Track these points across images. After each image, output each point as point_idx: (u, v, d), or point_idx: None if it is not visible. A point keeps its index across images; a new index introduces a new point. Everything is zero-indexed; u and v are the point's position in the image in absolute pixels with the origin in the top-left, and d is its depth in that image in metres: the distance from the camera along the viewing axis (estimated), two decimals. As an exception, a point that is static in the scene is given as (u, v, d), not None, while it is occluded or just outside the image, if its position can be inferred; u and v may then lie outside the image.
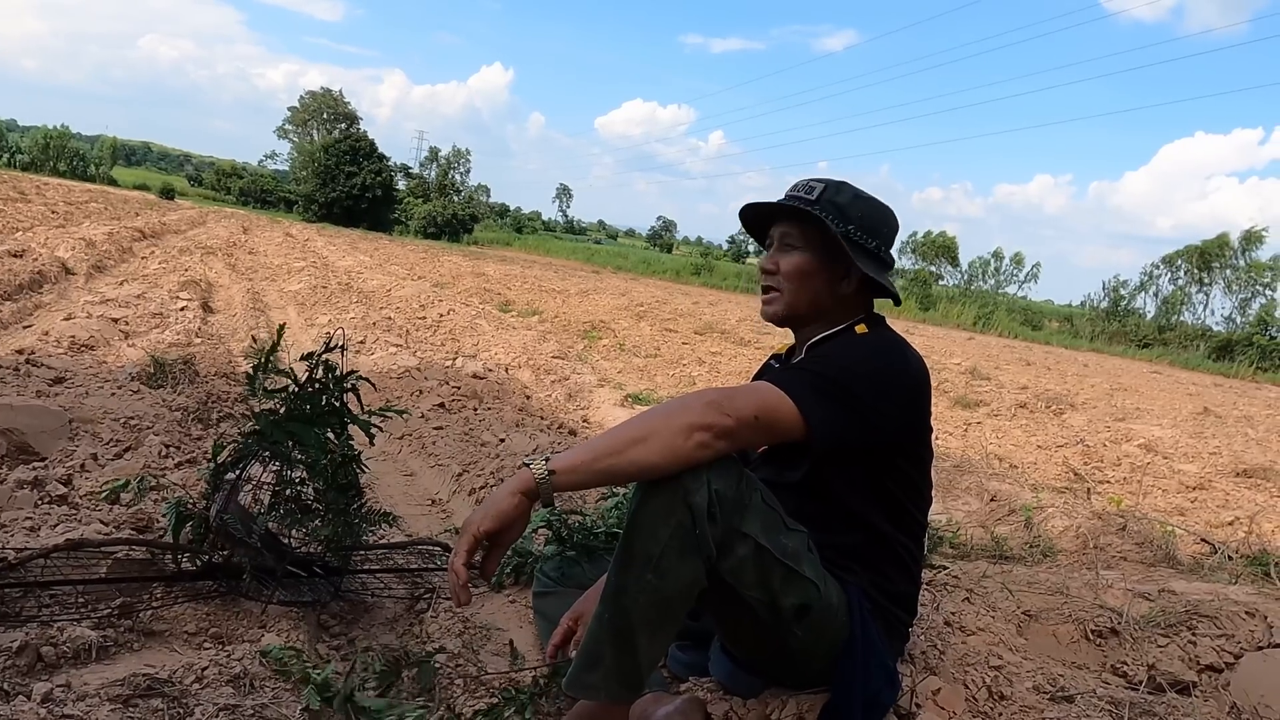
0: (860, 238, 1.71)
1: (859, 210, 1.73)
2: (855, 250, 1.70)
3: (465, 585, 1.45)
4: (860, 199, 1.74)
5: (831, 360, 1.65)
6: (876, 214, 1.76)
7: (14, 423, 2.91)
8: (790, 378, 1.60)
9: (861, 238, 1.71)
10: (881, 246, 1.75)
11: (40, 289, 7.61)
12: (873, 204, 1.76)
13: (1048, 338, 35.62)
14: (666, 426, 1.47)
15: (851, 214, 1.72)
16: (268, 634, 2.05)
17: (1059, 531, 4.06)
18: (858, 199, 1.74)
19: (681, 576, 1.51)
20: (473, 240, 57.54)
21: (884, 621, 1.74)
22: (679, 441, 1.47)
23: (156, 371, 4.17)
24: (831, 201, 1.72)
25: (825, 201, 1.72)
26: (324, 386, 2.15)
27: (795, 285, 1.76)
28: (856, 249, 1.71)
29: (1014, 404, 9.25)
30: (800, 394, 1.56)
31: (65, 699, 1.59)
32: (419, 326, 8.65)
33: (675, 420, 1.48)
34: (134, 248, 12.99)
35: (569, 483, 1.49)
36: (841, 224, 1.70)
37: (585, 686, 1.57)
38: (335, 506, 2.13)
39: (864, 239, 1.72)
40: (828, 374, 1.60)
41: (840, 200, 1.72)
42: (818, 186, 1.74)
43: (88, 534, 2.17)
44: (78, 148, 57.98)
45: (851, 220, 1.71)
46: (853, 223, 1.71)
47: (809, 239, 1.74)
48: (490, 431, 4.17)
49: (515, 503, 1.46)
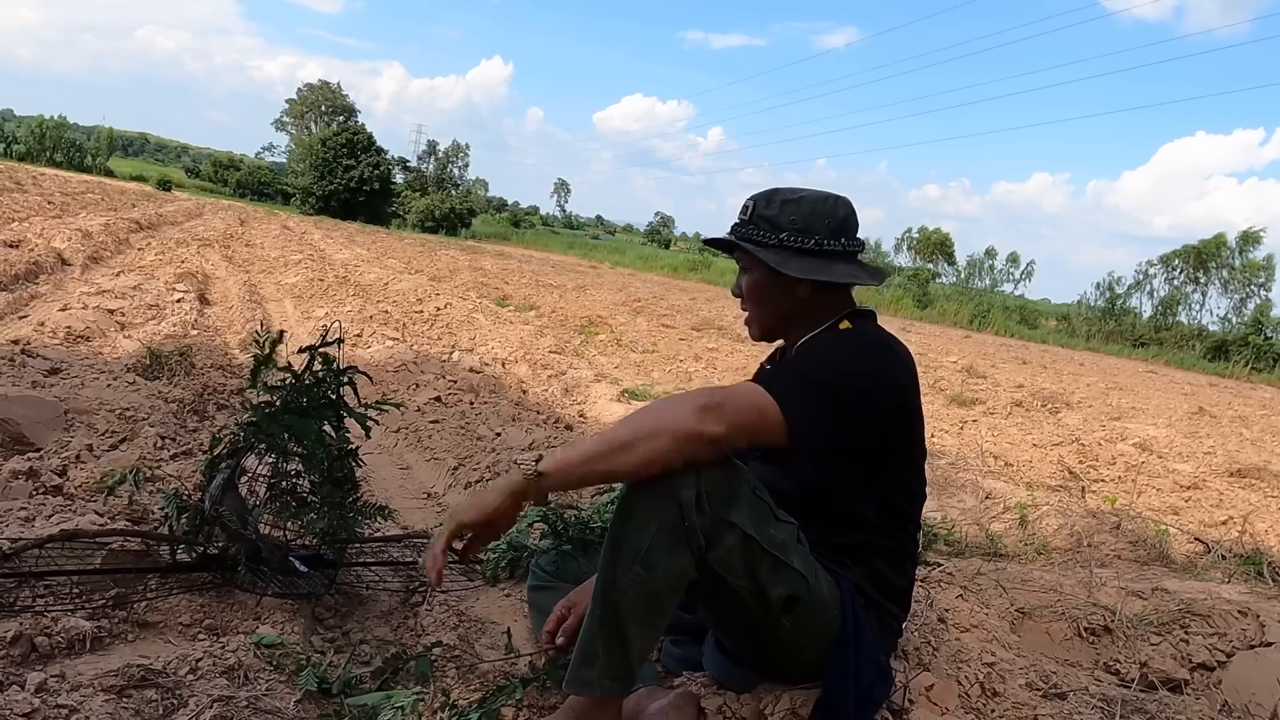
0: (797, 241, 1.71)
1: (789, 214, 1.73)
2: (793, 256, 1.71)
3: (440, 570, 1.50)
4: (790, 202, 1.74)
5: (813, 360, 1.68)
6: (811, 210, 1.74)
7: (9, 413, 2.91)
8: (777, 379, 1.63)
9: (798, 241, 1.71)
10: (825, 240, 1.73)
11: (36, 279, 7.59)
12: (806, 201, 1.74)
13: (1044, 336, 35.71)
14: (656, 431, 1.49)
15: (782, 222, 1.72)
16: (262, 626, 2.06)
17: (1053, 530, 4.07)
18: (788, 204, 1.74)
19: (670, 569, 1.53)
20: (470, 234, 57.43)
21: (877, 617, 1.75)
22: (668, 446, 1.49)
23: (152, 363, 4.16)
24: (761, 216, 1.74)
25: (757, 218, 1.74)
26: (321, 379, 2.15)
27: (757, 304, 1.81)
28: (792, 253, 1.71)
29: (1009, 402, 9.27)
30: (785, 396, 1.57)
31: (59, 689, 1.59)
32: (416, 320, 8.64)
33: (665, 425, 1.49)
34: (130, 239, 12.96)
35: (559, 484, 1.52)
36: (773, 235, 1.72)
37: (581, 683, 1.58)
38: (331, 500, 2.13)
39: (801, 241, 1.71)
40: (811, 375, 1.62)
41: (769, 212, 1.74)
42: (750, 204, 1.77)
43: (83, 525, 2.17)
44: (74, 138, 57.76)
45: (783, 228, 1.72)
46: (784, 230, 1.72)
47: (752, 259, 1.77)
48: (486, 425, 4.17)
49: (503, 502, 1.50)
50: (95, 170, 53.23)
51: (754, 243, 1.73)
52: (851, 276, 1.75)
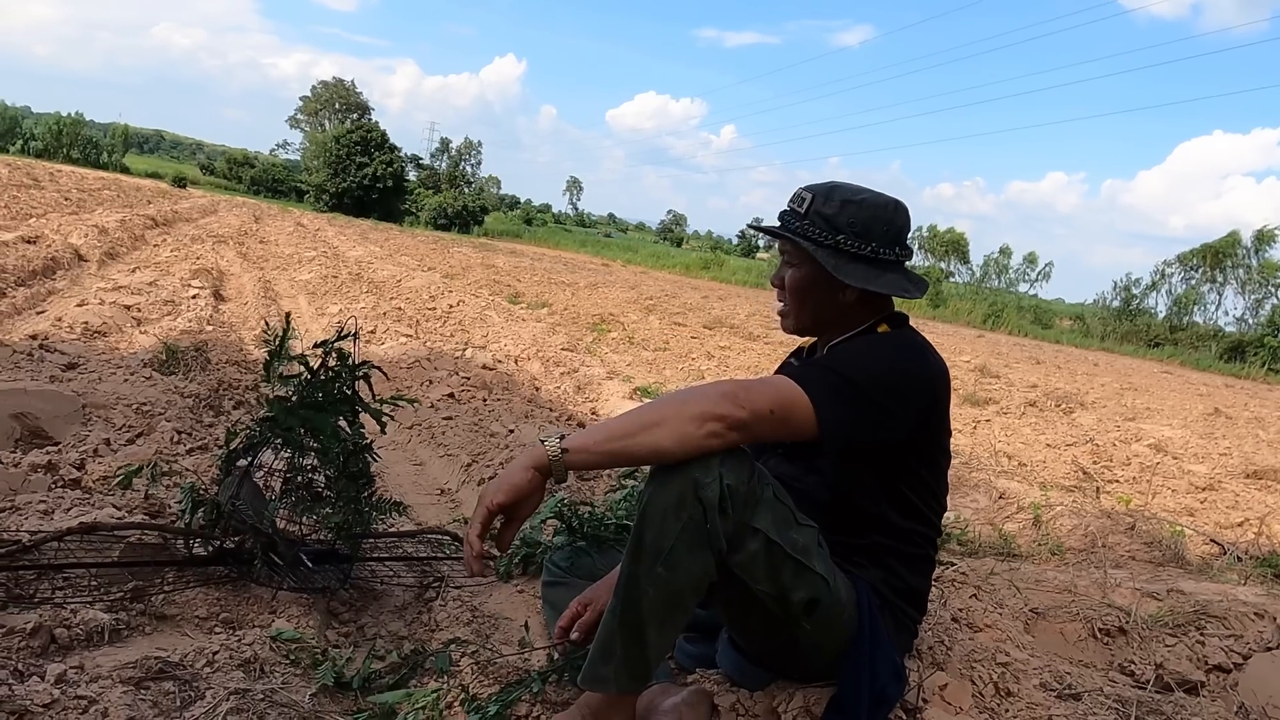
0: (852, 245, 1.68)
1: (849, 216, 1.68)
2: (846, 260, 1.68)
3: (479, 556, 1.49)
4: (851, 203, 1.69)
5: (849, 359, 1.64)
6: (871, 215, 1.70)
7: (28, 407, 2.94)
8: (808, 374, 1.59)
9: (854, 245, 1.68)
10: (881, 248, 1.69)
11: (54, 275, 7.65)
12: (867, 205, 1.70)
13: (1058, 336, 35.51)
14: (680, 413, 1.48)
15: (840, 222, 1.68)
16: (278, 619, 2.07)
17: (1067, 530, 4.05)
18: (848, 204, 1.69)
19: (692, 570, 1.52)
20: (483, 232, 57.57)
21: (892, 617, 1.74)
22: (691, 429, 1.47)
23: (169, 358, 4.19)
24: (819, 213, 1.69)
25: (813, 214, 1.70)
26: (336, 374, 2.16)
27: (797, 300, 1.77)
28: (847, 257, 1.68)
29: (1023, 402, 9.23)
30: (816, 391, 1.55)
31: (78, 680, 1.60)
32: (429, 317, 8.67)
33: (689, 408, 1.48)
34: (146, 235, 13.05)
35: (580, 462, 1.50)
36: (830, 235, 1.68)
37: (598, 679, 1.58)
38: (346, 494, 2.14)
39: (856, 245, 1.68)
40: (844, 373, 1.59)
41: (828, 210, 1.69)
42: (807, 197, 1.72)
43: (101, 518, 2.19)
44: (90, 135, 58.18)
45: (840, 229, 1.68)
46: (842, 231, 1.68)
47: (802, 255, 1.72)
48: (499, 422, 4.18)
49: (529, 477, 1.49)
50: (111, 167, 53.59)
51: (809, 239, 1.69)
52: (900, 289, 1.72)
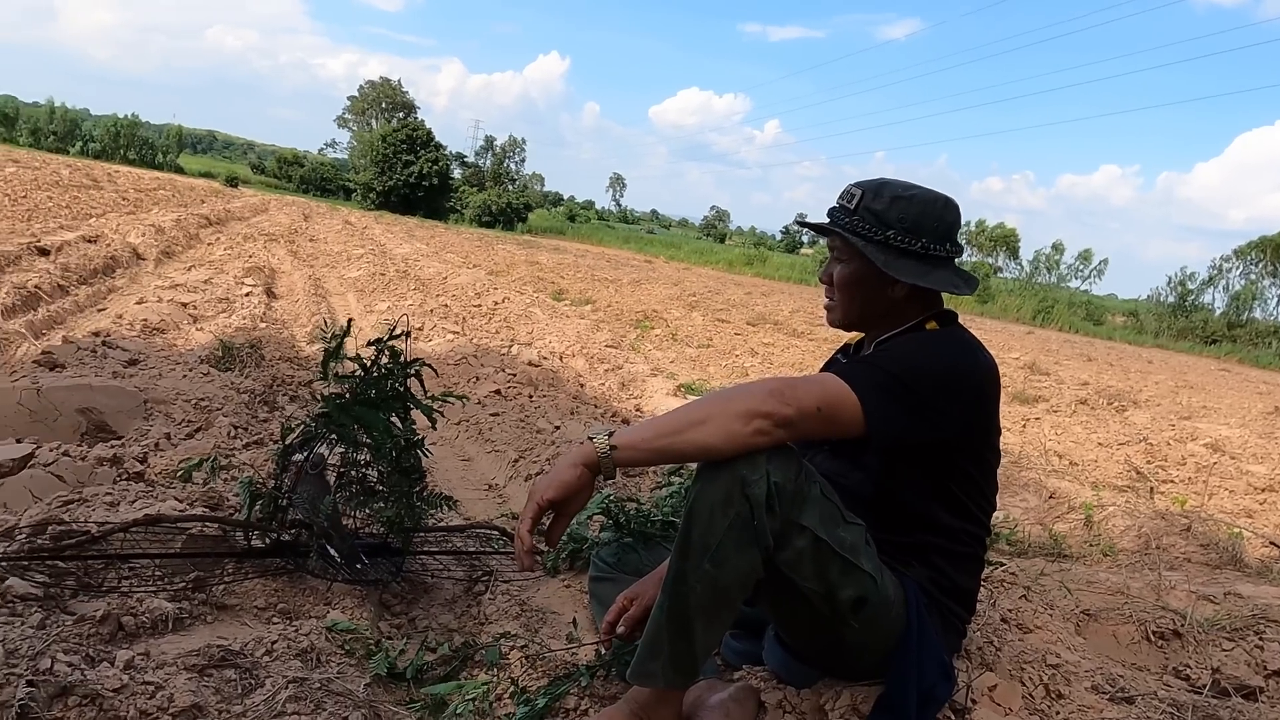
0: (903, 241, 1.67)
1: (899, 212, 1.68)
2: (896, 255, 1.67)
3: (530, 551, 1.52)
4: (901, 199, 1.69)
5: (898, 357, 1.63)
6: (921, 211, 1.69)
7: (94, 402, 3.04)
8: (855, 371, 1.59)
9: (904, 241, 1.67)
10: (931, 244, 1.69)
11: (113, 273, 7.88)
12: (917, 201, 1.70)
13: (1110, 333, 34.74)
14: (726, 410, 1.49)
15: (890, 218, 1.68)
16: (333, 611, 2.12)
17: (1120, 531, 3.98)
18: (898, 200, 1.69)
19: (739, 567, 1.53)
20: (526, 229, 57.94)
21: (941, 617, 1.73)
22: (738, 426, 1.48)
23: (224, 355, 4.30)
24: (869, 209, 1.69)
25: (863, 210, 1.70)
26: (389, 372, 2.21)
27: (846, 296, 1.76)
28: (897, 253, 1.67)
29: (1074, 400, 9.07)
30: (863, 388, 1.54)
31: (145, 666, 1.66)
32: (474, 314, 8.76)
33: (736, 405, 1.49)
34: (200, 234, 13.37)
35: (629, 459, 1.52)
36: (879, 231, 1.68)
37: (646, 674, 1.60)
38: (399, 489, 2.18)
39: (907, 241, 1.67)
40: (892, 370, 1.58)
41: (878, 206, 1.69)
42: (856, 193, 1.72)
43: (164, 510, 2.26)
44: (146, 136, 59.59)
45: (890, 225, 1.68)
46: (892, 227, 1.67)
47: (851, 250, 1.72)
48: (546, 419, 4.22)
49: (578, 474, 1.51)
50: (166, 167, 54.88)
51: (859, 235, 1.69)
52: (951, 285, 1.71)
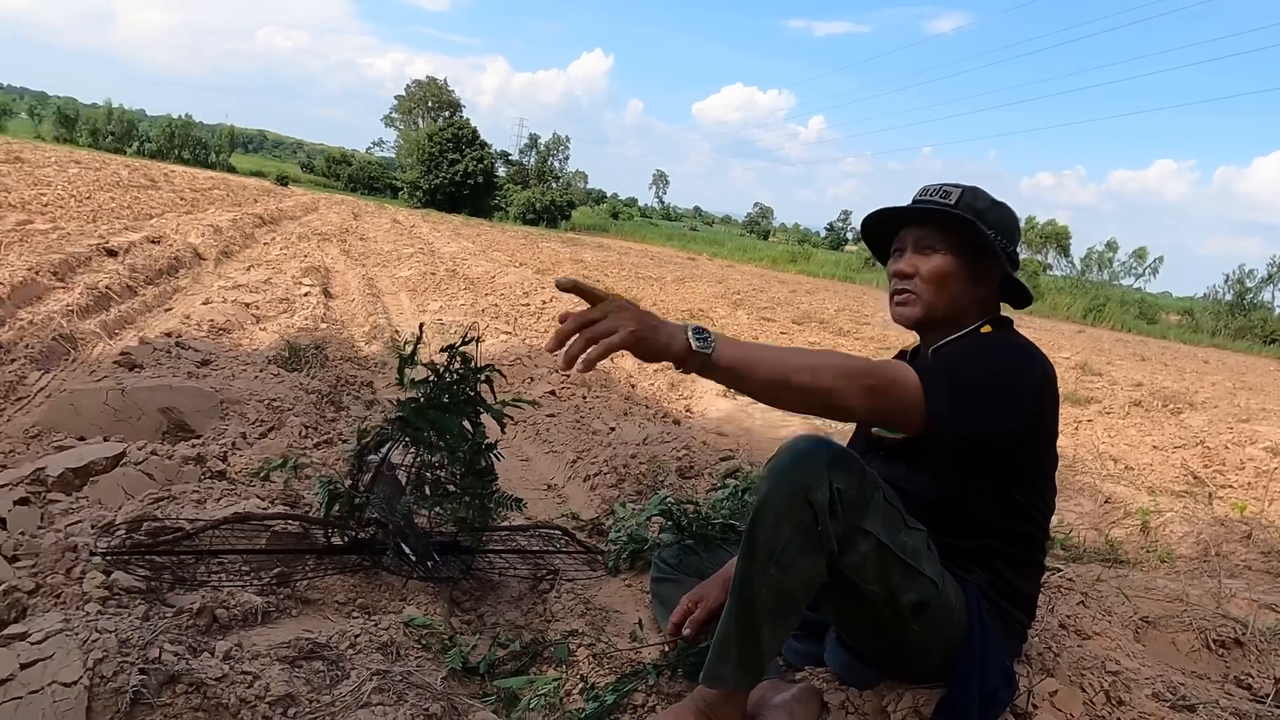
0: (1000, 242, 1.75)
1: (996, 215, 1.77)
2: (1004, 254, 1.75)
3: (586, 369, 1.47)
4: (996, 204, 1.79)
5: (961, 359, 1.69)
6: (1009, 218, 1.80)
7: (174, 402, 3.18)
8: (925, 371, 1.60)
9: (1001, 242, 1.75)
10: (1013, 249, 1.79)
11: (176, 274, 8.12)
12: (1004, 208, 1.80)
13: (1164, 332, 34.02)
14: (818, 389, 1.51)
15: (990, 219, 1.75)
16: (408, 606, 2.21)
17: (1178, 537, 3.95)
18: (995, 204, 1.78)
19: (804, 571, 1.58)
20: (570, 226, 58.25)
21: (1002, 621, 1.76)
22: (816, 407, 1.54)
23: (291, 356, 4.44)
24: (971, 206, 1.76)
25: (964, 206, 1.76)
26: (461, 377, 2.30)
27: (934, 288, 1.78)
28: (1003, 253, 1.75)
29: (1127, 402, 8.93)
30: (932, 387, 1.57)
31: (242, 657, 1.76)
32: (524, 313, 8.87)
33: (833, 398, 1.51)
34: (255, 233, 13.68)
35: (714, 374, 1.51)
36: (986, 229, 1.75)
37: (717, 676, 1.66)
38: (473, 490, 2.27)
39: (1003, 243, 1.76)
40: (957, 371, 1.62)
41: (979, 205, 1.76)
42: (954, 191, 1.78)
43: (248, 508, 2.37)
44: (200, 136, 61.06)
45: (991, 225, 1.75)
46: (992, 227, 1.75)
47: (949, 242, 1.76)
48: (600, 420, 4.30)
49: (662, 355, 1.48)
50: (218, 167, 56.12)
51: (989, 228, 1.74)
52: (1028, 290, 1.80)
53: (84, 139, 54.01)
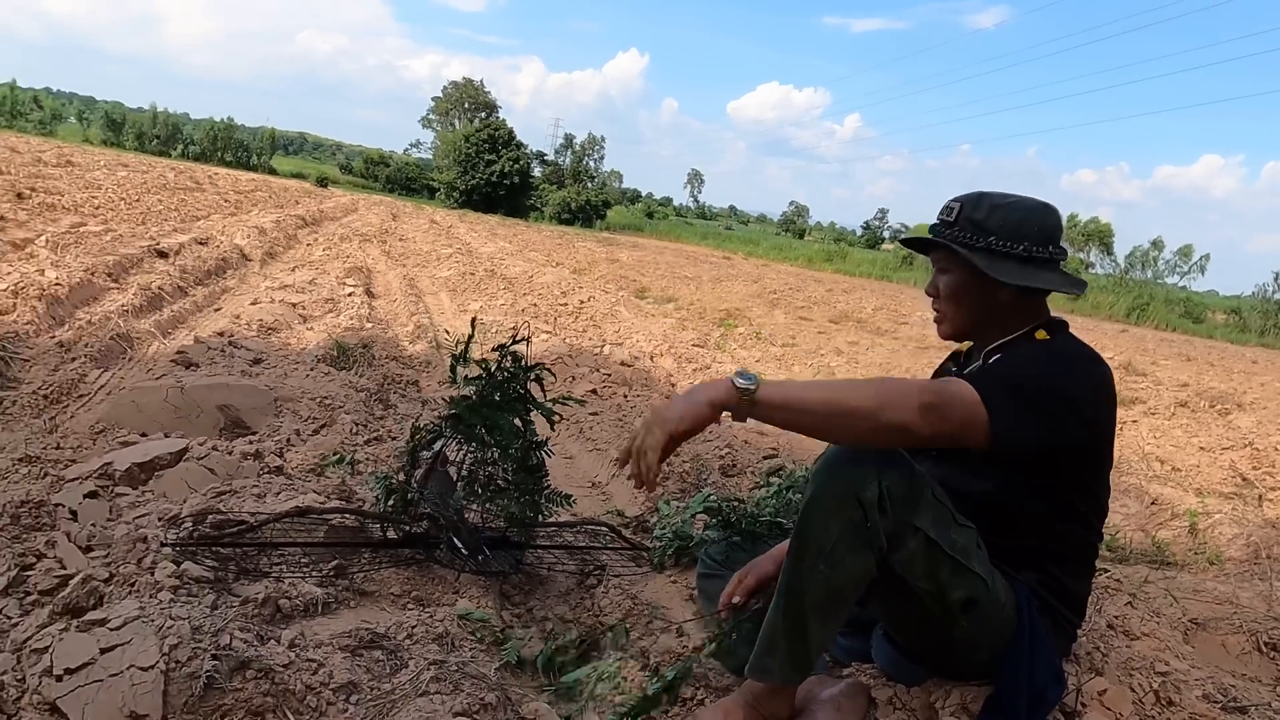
0: (1004, 246, 1.72)
1: (999, 219, 1.73)
2: (1000, 260, 1.72)
3: (654, 478, 1.59)
4: (1000, 207, 1.75)
5: (1021, 369, 1.68)
6: (1022, 217, 1.74)
7: (231, 399, 3.27)
8: (984, 386, 1.61)
9: (1005, 245, 1.72)
10: (1034, 247, 1.74)
11: (224, 274, 8.30)
12: (1016, 208, 1.75)
13: (1211, 331, 33.27)
14: (875, 415, 1.53)
15: (989, 225, 1.74)
16: (461, 599, 2.27)
17: (1227, 539, 3.90)
18: (997, 208, 1.75)
19: (853, 567, 1.60)
20: (605, 226, 58.41)
21: (1051, 620, 1.77)
22: (877, 433, 1.54)
23: (340, 355, 4.54)
24: (969, 219, 1.76)
25: (964, 220, 1.76)
26: (511, 376, 2.35)
27: (954, 305, 1.82)
28: (999, 257, 1.73)
29: (1173, 402, 8.78)
30: (992, 401, 1.58)
31: (306, 645, 1.82)
32: (562, 313, 8.94)
33: (885, 415, 1.53)
34: (298, 234, 13.91)
35: (763, 414, 1.56)
36: (981, 238, 1.73)
37: (763, 670, 1.69)
38: (524, 486, 2.32)
39: (1008, 246, 1.72)
40: (1018, 384, 1.62)
41: (977, 216, 1.75)
42: (956, 206, 1.78)
43: (307, 502, 2.44)
44: (242, 139, 62.12)
45: (991, 232, 1.73)
46: (993, 234, 1.73)
47: (955, 260, 1.79)
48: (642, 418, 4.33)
49: (710, 412, 1.57)
50: (260, 169, 57.07)
51: (961, 244, 1.75)
52: (1056, 285, 1.76)
53: (130, 142, 55.22)
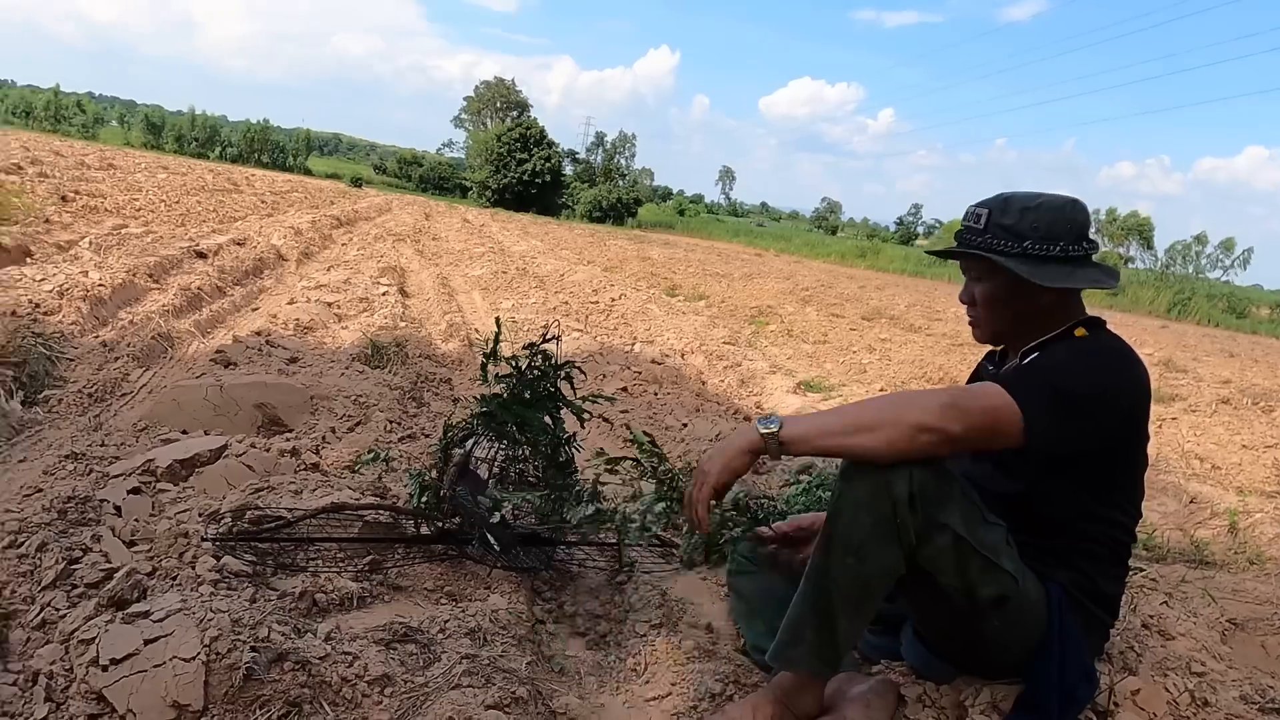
0: (1040, 249, 1.70)
1: (1030, 222, 1.71)
2: (1039, 264, 1.70)
3: (706, 524, 1.69)
4: (1030, 209, 1.72)
5: (1059, 370, 1.66)
6: (1054, 217, 1.71)
7: (268, 397, 3.33)
8: (1017, 385, 1.61)
9: (1041, 248, 1.70)
10: (1070, 246, 1.71)
11: (261, 274, 8.43)
12: (1045, 208, 1.72)
13: (1255, 326, 32.56)
14: (898, 421, 1.56)
15: (1023, 229, 1.71)
16: (493, 595, 2.30)
17: (1269, 539, 3.83)
18: (1027, 211, 1.71)
19: (881, 562, 1.61)
20: (636, 224, 58.47)
21: (1083, 619, 1.76)
22: (905, 439, 1.55)
23: (374, 353, 4.60)
24: (999, 224, 1.73)
25: (994, 226, 1.73)
26: (542, 374, 2.37)
27: (989, 311, 1.81)
28: (1038, 261, 1.70)
29: (1215, 399, 8.62)
30: (1027, 402, 1.57)
31: (341, 638, 1.86)
32: (593, 311, 8.98)
33: (908, 417, 1.56)
34: (333, 235, 14.09)
35: (794, 451, 1.63)
36: (1015, 244, 1.71)
37: (788, 659, 1.70)
38: (555, 483, 2.34)
39: (1045, 248, 1.70)
40: (1054, 383, 1.61)
41: (1007, 221, 1.72)
42: (983, 213, 1.75)
43: (342, 499, 2.48)
44: (277, 140, 63.03)
45: (1025, 236, 1.70)
46: (1027, 238, 1.70)
47: (989, 268, 1.76)
48: (673, 416, 4.35)
49: (746, 460, 1.65)
50: (295, 169, 57.87)
51: (997, 252, 1.72)
52: (1097, 281, 1.74)
53: (170, 145, 56.21)
